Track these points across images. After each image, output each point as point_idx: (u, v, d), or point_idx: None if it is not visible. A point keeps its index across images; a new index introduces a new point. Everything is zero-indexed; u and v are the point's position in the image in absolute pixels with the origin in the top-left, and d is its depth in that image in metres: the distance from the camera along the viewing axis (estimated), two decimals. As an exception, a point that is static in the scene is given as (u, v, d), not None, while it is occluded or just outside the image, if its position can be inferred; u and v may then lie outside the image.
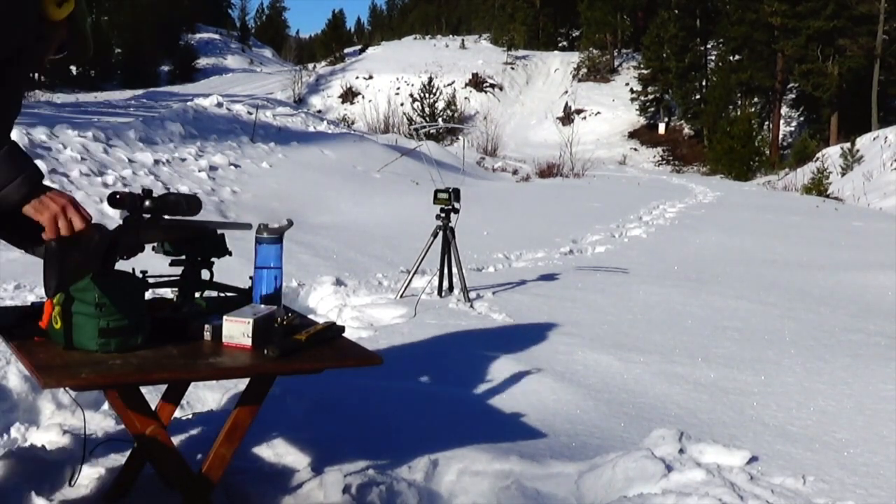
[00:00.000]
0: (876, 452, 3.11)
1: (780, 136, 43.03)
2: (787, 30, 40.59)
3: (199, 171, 10.36)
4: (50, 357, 2.02)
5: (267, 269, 2.45)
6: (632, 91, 48.52)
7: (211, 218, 7.34)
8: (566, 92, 51.59)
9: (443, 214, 5.69)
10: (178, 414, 3.06)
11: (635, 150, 44.62)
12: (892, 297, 6.38)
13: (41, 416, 3.20)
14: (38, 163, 8.33)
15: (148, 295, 2.33)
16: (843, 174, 26.17)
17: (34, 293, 4.80)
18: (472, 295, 5.58)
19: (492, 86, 52.85)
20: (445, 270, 5.70)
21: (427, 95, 41.12)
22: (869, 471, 2.94)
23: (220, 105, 14.71)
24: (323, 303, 5.59)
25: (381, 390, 3.60)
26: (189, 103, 14.09)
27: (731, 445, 3.05)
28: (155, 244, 2.40)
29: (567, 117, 47.87)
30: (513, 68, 55.82)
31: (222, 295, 2.54)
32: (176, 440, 2.27)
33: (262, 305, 2.39)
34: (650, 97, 47.84)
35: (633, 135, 46.92)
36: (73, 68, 53.72)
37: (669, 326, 5.09)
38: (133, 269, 2.24)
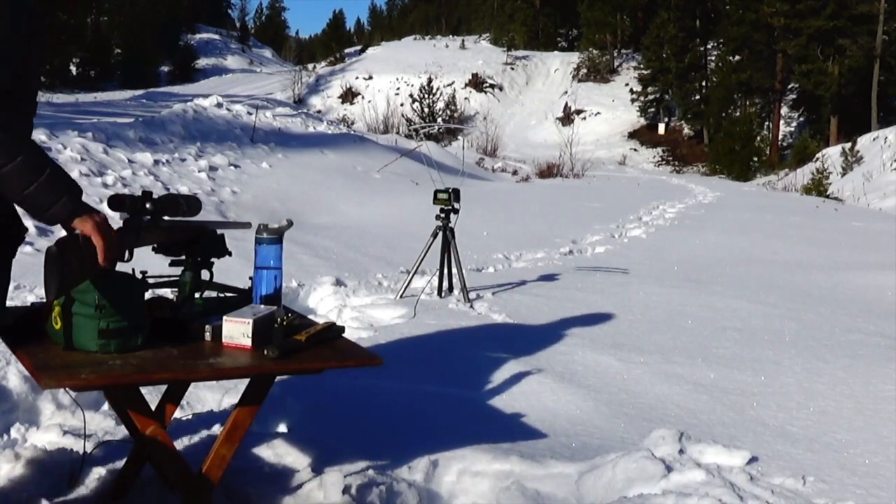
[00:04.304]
0: (876, 453, 3.11)
1: (780, 137, 43.02)
2: (789, 30, 40.55)
3: (199, 171, 10.35)
4: (50, 357, 2.02)
5: (267, 269, 2.45)
6: (632, 91, 48.50)
7: (211, 218, 7.34)
8: (566, 92, 51.57)
9: (442, 215, 5.69)
10: (178, 414, 3.06)
11: (635, 150, 44.60)
12: (892, 297, 6.38)
13: (41, 416, 3.20)
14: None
15: (148, 295, 2.33)
16: (843, 174, 26.17)
17: (34, 293, 4.80)
18: (472, 295, 5.58)
19: (492, 86, 52.84)
20: (445, 271, 5.70)
21: (427, 96, 41.14)
22: (869, 471, 2.94)
23: (219, 105, 14.70)
24: (323, 303, 5.59)
25: (381, 390, 3.60)
26: (189, 104, 14.08)
27: (731, 446, 3.05)
28: (155, 245, 2.41)
29: (567, 117, 47.86)
30: (513, 68, 55.81)
31: (222, 295, 2.54)
32: (176, 440, 2.26)
33: (262, 306, 2.39)
34: (650, 97, 47.82)
35: (632, 135, 46.90)
36: (73, 68, 53.80)
37: (669, 327, 5.09)
38: (133, 270, 2.24)
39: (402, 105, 39.28)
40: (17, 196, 1.91)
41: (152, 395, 2.66)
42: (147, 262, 2.49)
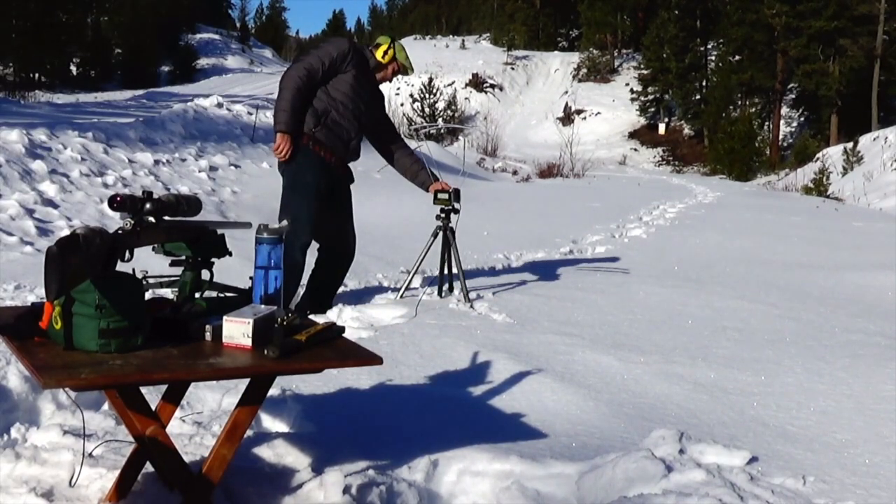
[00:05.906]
0: (876, 452, 3.11)
1: (781, 137, 43.01)
2: (790, 30, 40.54)
3: (200, 171, 10.36)
4: (50, 357, 2.02)
5: (267, 269, 2.45)
6: (632, 91, 48.48)
7: (211, 218, 7.33)
8: (566, 92, 51.57)
9: (443, 215, 5.69)
10: (178, 414, 3.06)
11: (635, 150, 44.59)
12: (892, 297, 6.38)
13: (41, 416, 3.20)
14: (38, 163, 8.35)
15: (148, 295, 2.33)
16: (843, 174, 26.14)
17: (34, 293, 4.80)
18: (472, 295, 5.58)
19: (492, 86, 52.81)
20: (445, 271, 5.70)
21: (427, 96, 41.11)
22: (869, 471, 2.94)
23: (220, 105, 14.70)
24: (323, 303, 5.58)
25: (380, 390, 3.60)
26: (189, 103, 14.07)
27: (731, 445, 3.05)
28: (155, 245, 2.41)
29: (567, 117, 47.85)
30: (513, 68, 55.79)
31: (222, 295, 2.54)
32: (176, 440, 2.26)
33: (262, 305, 2.39)
34: (650, 97, 47.80)
35: (633, 135, 46.89)
36: (74, 68, 53.81)
37: (669, 326, 5.09)
38: (133, 270, 2.24)
39: (402, 105, 39.21)
40: None
41: (152, 396, 2.66)
42: (147, 262, 2.49)
